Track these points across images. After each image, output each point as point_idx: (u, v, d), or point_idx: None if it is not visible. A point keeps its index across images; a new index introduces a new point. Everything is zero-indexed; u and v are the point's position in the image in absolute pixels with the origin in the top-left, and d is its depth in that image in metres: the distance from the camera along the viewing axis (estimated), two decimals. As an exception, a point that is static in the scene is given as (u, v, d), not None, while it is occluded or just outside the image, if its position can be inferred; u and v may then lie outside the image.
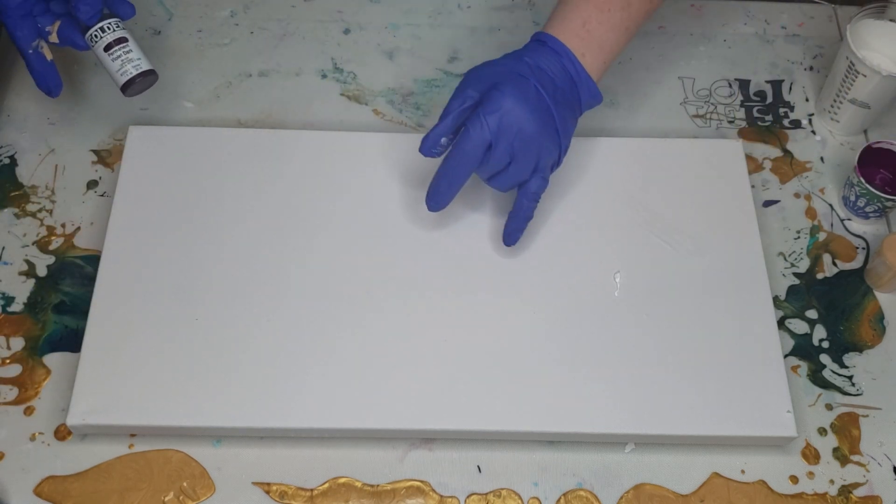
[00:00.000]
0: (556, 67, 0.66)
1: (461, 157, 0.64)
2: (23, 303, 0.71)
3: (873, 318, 0.73)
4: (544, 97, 0.64)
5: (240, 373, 0.66)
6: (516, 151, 0.64)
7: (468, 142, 0.63)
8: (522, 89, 0.63)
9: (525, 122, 0.63)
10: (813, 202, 0.78)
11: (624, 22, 0.68)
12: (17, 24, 0.68)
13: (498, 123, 0.63)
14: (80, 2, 0.66)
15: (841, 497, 0.65)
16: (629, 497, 0.65)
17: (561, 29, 0.67)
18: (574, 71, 0.66)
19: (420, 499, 0.65)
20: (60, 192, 0.76)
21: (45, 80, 0.71)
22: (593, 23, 0.67)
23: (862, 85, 0.76)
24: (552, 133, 0.65)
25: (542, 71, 0.65)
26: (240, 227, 0.72)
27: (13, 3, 0.67)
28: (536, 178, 0.66)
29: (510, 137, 0.63)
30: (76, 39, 0.70)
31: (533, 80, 0.64)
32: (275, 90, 0.82)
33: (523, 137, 0.63)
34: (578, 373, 0.67)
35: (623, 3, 0.67)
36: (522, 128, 0.63)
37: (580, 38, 0.66)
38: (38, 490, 0.64)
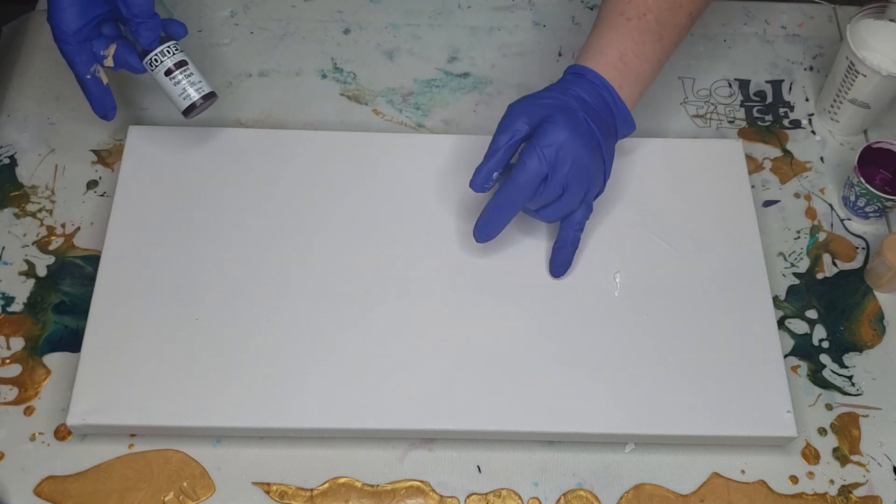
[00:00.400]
0: (597, 99, 0.66)
1: (516, 190, 0.64)
2: (23, 303, 0.71)
3: (873, 318, 0.73)
4: (593, 129, 0.65)
5: (240, 373, 0.66)
6: (569, 182, 0.64)
7: (524, 174, 0.63)
8: (574, 122, 0.64)
9: (579, 153, 0.63)
10: (813, 202, 0.78)
11: (657, 54, 0.69)
12: (76, 51, 0.67)
13: (555, 156, 0.63)
14: (140, 26, 0.66)
15: (841, 497, 0.65)
16: (629, 497, 0.65)
17: (598, 61, 0.67)
18: (612, 102, 0.67)
19: (420, 499, 0.65)
20: (60, 192, 0.76)
21: (103, 105, 0.70)
22: (629, 55, 0.67)
23: (862, 85, 0.76)
24: (600, 163, 0.66)
25: (587, 103, 0.66)
26: (240, 227, 0.72)
27: (71, 29, 0.65)
28: (583, 208, 0.67)
29: (565, 169, 0.63)
30: (132, 62, 0.69)
31: (581, 112, 0.65)
32: (275, 90, 0.82)
33: (578, 169, 0.64)
34: (578, 373, 0.67)
35: (657, 35, 0.68)
36: (577, 159, 0.63)
37: (617, 70, 0.67)
38: (38, 490, 0.64)
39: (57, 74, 0.82)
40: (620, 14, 0.68)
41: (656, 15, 0.68)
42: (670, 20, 0.69)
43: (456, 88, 0.83)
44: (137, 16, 0.65)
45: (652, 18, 0.68)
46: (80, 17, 0.65)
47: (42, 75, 0.82)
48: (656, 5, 0.68)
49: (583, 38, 0.86)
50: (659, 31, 0.68)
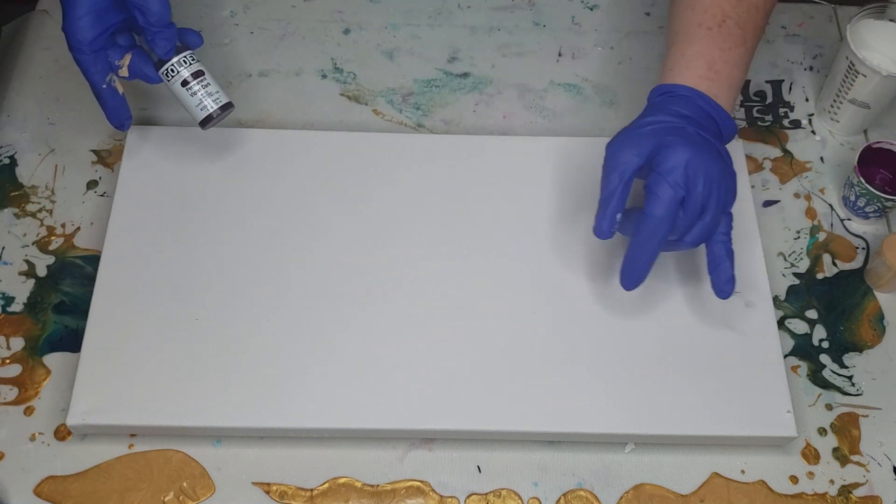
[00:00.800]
0: (696, 111, 0.64)
1: (655, 225, 0.61)
2: (23, 303, 0.71)
3: (873, 318, 0.73)
4: (707, 137, 0.63)
5: (240, 373, 0.66)
6: (707, 199, 0.61)
7: (660, 206, 0.60)
8: (689, 138, 0.62)
9: (708, 167, 0.61)
10: (813, 202, 0.78)
11: (744, 58, 0.67)
12: (91, 61, 0.66)
13: (684, 176, 0.60)
14: (156, 36, 0.65)
15: (841, 497, 0.65)
16: (629, 497, 0.65)
17: (687, 77, 0.65)
18: (712, 110, 0.65)
19: (420, 499, 0.65)
20: (60, 192, 0.76)
21: (118, 115, 0.70)
22: (719, 63, 0.66)
23: (862, 85, 0.76)
24: (728, 169, 0.63)
25: (689, 117, 0.64)
26: (239, 227, 0.72)
27: (87, 38, 0.64)
28: (725, 218, 0.64)
29: (699, 187, 0.61)
30: (147, 72, 0.68)
31: (690, 126, 0.63)
32: (275, 90, 0.82)
33: (711, 182, 0.61)
34: (578, 373, 0.67)
35: (740, 39, 0.67)
36: (708, 173, 0.61)
37: (710, 80, 0.65)
38: (38, 490, 0.64)
39: (57, 74, 0.82)
40: (699, 26, 0.67)
41: (735, 20, 0.67)
42: (750, 22, 0.67)
43: (456, 88, 0.83)
44: (154, 25, 0.64)
45: (732, 24, 0.67)
46: (95, 27, 0.64)
47: (42, 75, 0.82)
48: (733, 10, 0.67)
49: (582, 38, 0.86)
50: (741, 34, 0.67)
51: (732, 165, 0.64)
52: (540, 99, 0.83)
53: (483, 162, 0.76)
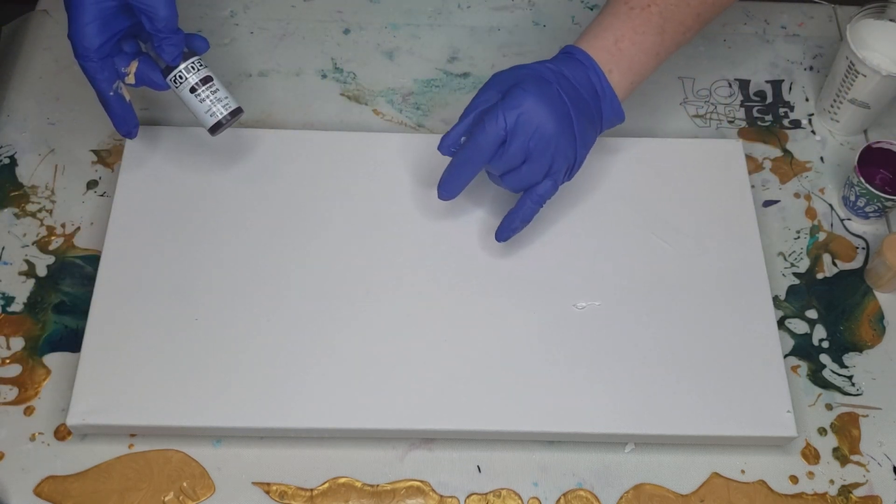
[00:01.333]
0: (581, 78, 0.65)
1: (475, 149, 0.64)
2: (23, 303, 0.71)
3: (873, 318, 0.73)
4: (565, 101, 0.64)
5: (240, 373, 0.66)
6: (532, 150, 0.63)
7: (483, 135, 0.63)
8: (544, 90, 0.63)
9: (544, 121, 0.63)
10: (813, 202, 0.78)
11: (655, 47, 0.67)
12: (98, 68, 0.64)
13: (516, 120, 0.62)
14: (164, 42, 0.64)
15: (841, 497, 0.65)
16: (629, 497, 0.65)
17: (591, 44, 0.67)
18: (599, 85, 0.66)
19: (420, 499, 0.65)
20: (60, 192, 0.76)
21: (126, 123, 0.68)
22: (626, 42, 0.66)
23: (862, 85, 0.76)
24: (570, 138, 0.64)
25: (566, 78, 0.65)
26: (239, 227, 0.72)
27: (93, 45, 0.63)
28: (546, 182, 0.66)
29: (527, 135, 0.63)
30: (155, 79, 0.67)
31: (555, 84, 0.64)
32: (275, 90, 0.82)
33: (540, 137, 0.63)
34: (578, 373, 0.67)
35: (658, 28, 0.67)
36: (540, 127, 0.63)
37: (610, 54, 0.66)
38: (38, 490, 0.64)
39: (57, 74, 0.82)
40: (625, 3, 0.68)
41: (661, 9, 0.67)
42: (675, 16, 0.68)
43: (456, 88, 0.83)
44: (161, 31, 0.63)
45: (656, 11, 0.67)
46: (101, 34, 0.63)
47: (42, 75, 0.82)
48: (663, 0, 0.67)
49: (583, 38, 0.86)
50: (661, 24, 0.67)
51: (583, 143, 0.66)
52: (540, 99, 0.82)
53: (483, 162, 0.76)
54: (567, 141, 0.64)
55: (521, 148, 0.63)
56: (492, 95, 0.65)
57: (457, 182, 0.66)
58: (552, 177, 0.65)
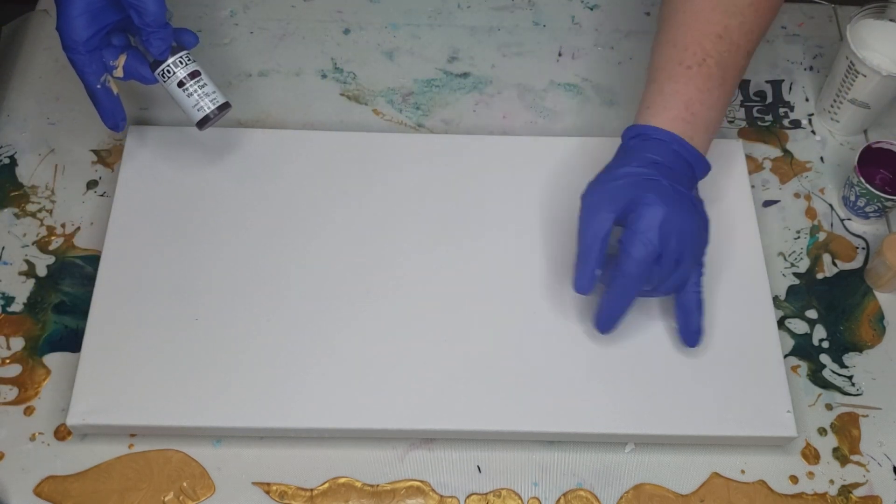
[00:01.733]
0: (670, 156, 0.64)
1: (629, 282, 0.62)
2: (23, 303, 0.71)
3: (873, 318, 0.73)
4: (681, 191, 0.62)
5: (240, 373, 0.66)
6: (681, 254, 0.62)
7: (634, 265, 0.61)
8: (664, 193, 0.61)
9: (682, 224, 0.61)
10: (813, 202, 0.78)
11: (722, 100, 0.66)
12: (86, 61, 0.65)
13: (658, 233, 0.61)
14: (151, 36, 0.64)
15: (841, 497, 0.65)
16: (629, 497, 0.65)
17: (664, 118, 0.65)
18: (686, 153, 0.64)
19: (420, 499, 0.65)
20: (60, 192, 0.76)
21: (113, 116, 0.69)
22: (696, 105, 0.65)
23: (862, 85, 0.76)
24: (703, 221, 0.64)
25: (664, 165, 0.63)
26: (239, 227, 0.72)
27: (81, 38, 0.64)
28: (697, 268, 0.65)
29: (672, 244, 0.61)
30: (143, 73, 0.67)
31: (665, 179, 0.62)
32: (275, 90, 0.82)
33: (684, 238, 0.62)
34: (578, 373, 0.67)
35: (719, 81, 0.66)
36: (682, 230, 0.61)
37: (686, 123, 0.64)
38: (38, 490, 0.64)
39: (57, 74, 0.82)
40: (679, 63, 0.66)
41: (716, 60, 0.65)
42: (730, 63, 0.66)
43: (456, 88, 0.83)
44: (149, 25, 0.63)
45: (713, 63, 0.65)
46: (90, 26, 0.64)
47: (42, 75, 0.82)
48: (715, 50, 0.65)
49: (582, 38, 0.86)
50: (721, 75, 0.66)
51: (705, 213, 0.65)
52: (540, 99, 0.83)
53: (483, 162, 0.76)
54: (702, 225, 0.64)
55: (672, 256, 0.61)
56: (605, 218, 0.62)
57: (618, 316, 0.64)
58: (698, 261, 0.65)
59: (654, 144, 0.64)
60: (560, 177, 0.75)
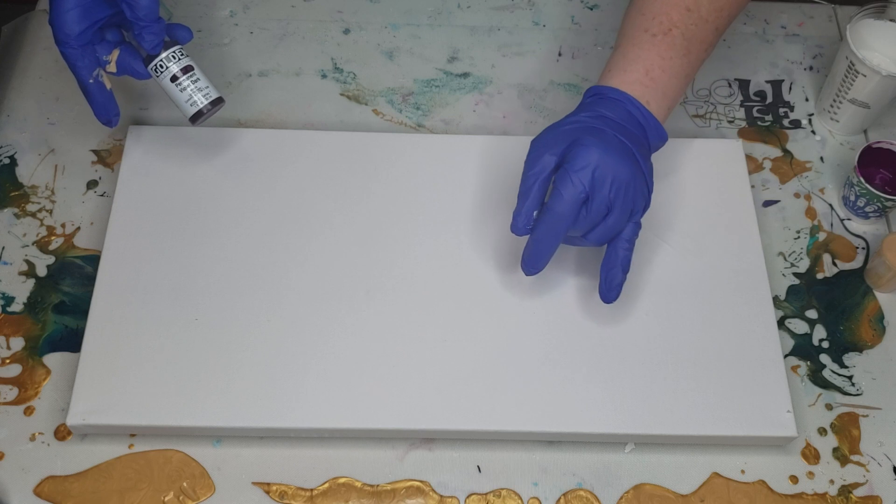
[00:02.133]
0: (623, 114, 0.64)
1: (556, 219, 0.62)
2: (23, 303, 0.71)
3: (873, 318, 0.73)
4: (625, 142, 0.63)
5: (240, 373, 0.66)
6: (613, 201, 0.62)
7: (561, 203, 0.61)
8: (604, 139, 0.62)
9: (618, 170, 0.61)
10: (813, 202, 0.78)
11: (684, 69, 0.67)
12: (78, 55, 0.65)
13: (591, 177, 0.61)
14: (143, 30, 0.64)
15: (841, 497, 0.65)
16: (629, 497, 0.65)
17: (622, 80, 0.66)
18: (640, 115, 0.65)
19: (420, 499, 0.65)
20: (60, 192, 0.76)
21: (106, 111, 0.69)
22: (656, 71, 0.66)
23: (862, 85, 0.76)
24: (641, 176, 0.64)
25: (613, 120, 0.64)
26: (239, 227, 0.72)
27: (73, 32, 0.64)
28: (631, 225, 0.64)
29: (606, 189, 0.61)
30: (136, 67, 0.67)
31: (608, 129, 0.63)
32: (275, 90, 0.82)
33: (619, 186, 0.61)
34: (579, 373, 0.67)
35: (683, 50, 0.67)
36: (617, 177, 0.61)
37: (644, 87, 0.65)
38: (38, 490, 0.64)
39: (57, 74, 0.82)
40: (644, 31, 0.67)
41: (682, 30, 0.67)
42: (696, 36, 0.67)
43: (456, 88, 0.83)
44: (142, 19, 0.64)
45: (678, 34, 0.66)
46: (82, 20, 0.64)
47: (42, 75, 0.82)
48: (682, 21, 0.67)
49: (582, 38, 0.86)
50: (686, 46, 0.67)
51: (650, 174, 0.65)
52: (540, 99, 0.83)
53: (483, 162, 0.76)
54: (641, 179, 0.63)
55: (604, 202, 0.62)
56: (547, 161, 0.63)
57: (543, 256, 0.64)
58: (634, 217, 0.64)
59: (608, 102, 0.65)
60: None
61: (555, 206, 0.61)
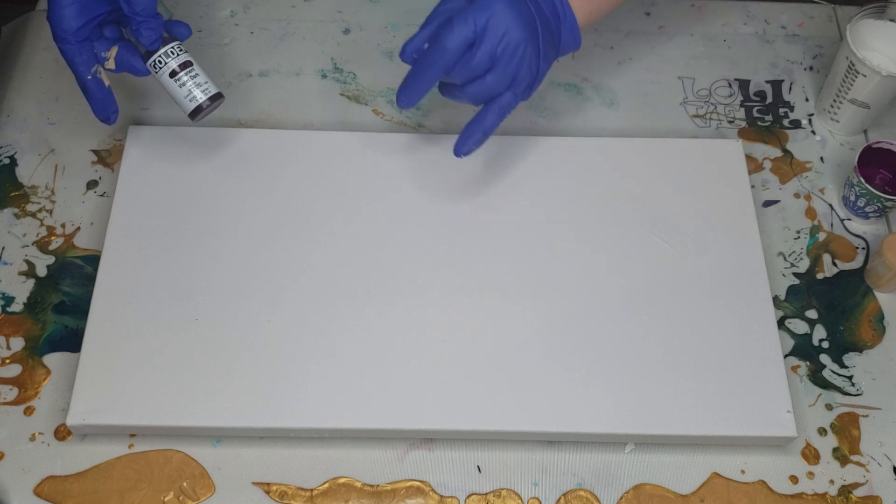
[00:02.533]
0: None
1: (441, 52, 0.62)
2: (23, 303, 0.71)
3: (873, 318, 0.73)
4: (532, 12, 0.63)
5: (240, 373, 0.66)
6: (498, 58, 0.62)
7: (450, 36, 0.61)
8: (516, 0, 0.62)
9: (512, 27, 0.61)
10: (813, 202, 0.78)
11: None
12: (76, 51, 0.65)
13: (486, 23, 0.61)
14: (141, 25, 0.64)
15: (841, 497, 0.65)
16: (629, 497, 0.65)
17: None
18: (561, 6, 0.65)
19: (420, 499, 0.65)
20: (60, 192, 0.76)
21: (104, 108, 0.68)
22: None
23: (862, 85, 0.76)
24: (535, 49, 0.63)
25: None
26: (239, 227, 0.72)
27: (71, 27, 0.64)
28: (508, 94, 0.64)
29: (495, 40, 0.61)
30: (135, 64, 0.67)
31: None
32: (275, 90, 0.82)
33: (508, 43, 0.62)
34: (579, 373, 0.67)
35: None
36: (508, 32, 0.61)
37: None
38: (38, 490, 0.64)
39: (57, 74, 0.82)
40: None
41: None
42: None
43: (456, 88, 0.83)
44: (139, 14, 0.64)
45: None
46: (80, 16, 0.64)
47: (42, 75, 0.82)
48: None
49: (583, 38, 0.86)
50: None
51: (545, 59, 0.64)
52: (540, 99, 0.83)
53: (483, 162, 0.76)
54: (533, 51, 0.63)
55: (489, 53, 0.62)
56: (457, 2, 0.63)
57: (418, 87, 0.64)
58: (514, 88, 0.64)
59: None
60: (560, 177, 0.75)
61: (443, 37, 0.62)
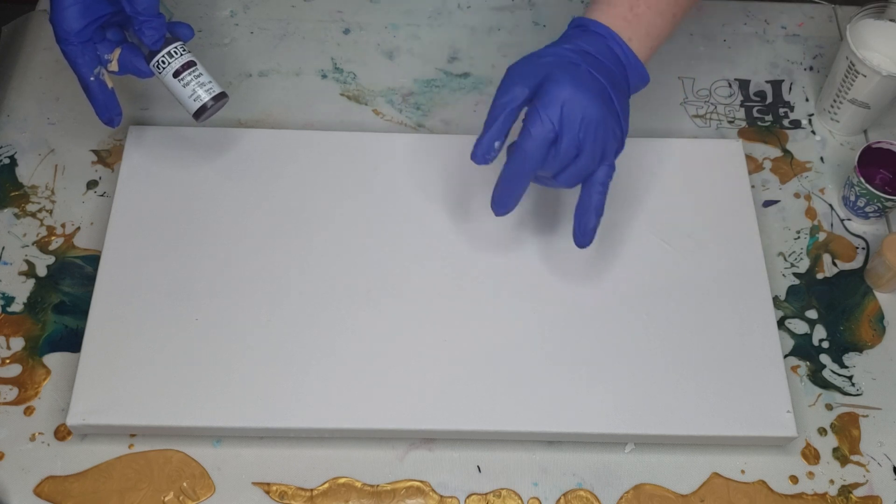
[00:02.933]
0: (602, 50, 0.62)
1: (524, 158, 0.60)
2: (23, 303, 0.71)
3: (873, 318, 0.73)
4: (599, 80, 0.61)
5: (240, 373, 0.66)
6: (583, 141, 0.60)
7: (530, 141, 0.60)
8: (577, 76, 0.60)
9: (588, 108, 0.59)
10: (813, 202, 0.78)
11: (671, 8, 0.65)
12: (79, 52, 0.65)
13: (560, 114, 0.59)
14: (144, 25, 0.64)
15: (841, 497, 0.65)
16: (629, 497, 0.65)
17: (606, 13, 0.64)
18: (622, 53, 0.63)
19: (420, 499, 0.65)
20: (60, 192, 0.76)
21: (107, 110, 0.68)
22: (641, 7, 0.64)
23: (862, 85, 0.76)
24: (614, 115, 0.62)
25: (590, 55, 0.62)
26: (239, 227, 0.72)
27: (73, 29, 0.64)
28: (604, 167, 0.62)
29: (575, 128, 0.59)
30: (139, 65, 0.67)
31: (584, 65, 0.61)
32: (275, 90, 0.82)
33: (589, 125, 0.60)
34: (578, 373, 0.67)
35: None
36: (587, 115, 0.59)
37: (627, 22, 0.63)
38: (38, 490, 0.64)
39: (57, 74, 0.82)
40: None
41: None
42: None
43: (456, 88, 0.83)
44: (142, 14, 0.64)
45: None
46: (82, 17, 0.64)
47: (42, 75, 0.82)
48: None
49: (583, 38, 0.86)
50: None
51: (625, 115, 0.63)
52: (540, 99, 0.82)
53: (483, 162, 0.76)
54: (613, 119, 0.62)
55: (573, 142, 0.60)
56: (518, 92, 0.61)
57: (512, 196, 0.63)
58: (607, 160, 0.63)
59: (590, 37, 0.63)
60: (560, 177, 0.75)
61: (523, 144, 0.60)
